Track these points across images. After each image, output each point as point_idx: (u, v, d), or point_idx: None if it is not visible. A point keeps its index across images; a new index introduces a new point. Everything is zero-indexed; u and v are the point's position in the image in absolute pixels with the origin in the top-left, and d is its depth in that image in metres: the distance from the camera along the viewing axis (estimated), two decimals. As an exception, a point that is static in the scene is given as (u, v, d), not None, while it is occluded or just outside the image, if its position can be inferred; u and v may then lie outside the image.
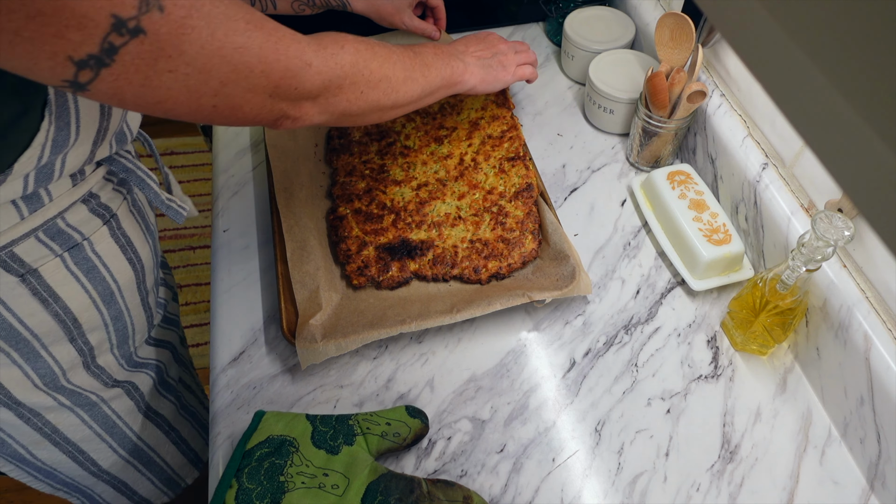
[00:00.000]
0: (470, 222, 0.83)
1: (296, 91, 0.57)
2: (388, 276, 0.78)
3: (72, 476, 0.84)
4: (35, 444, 0.76)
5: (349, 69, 0.61)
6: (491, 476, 0.68)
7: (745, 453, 0.70)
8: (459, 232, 0.82)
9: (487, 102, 0.95)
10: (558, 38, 1.11)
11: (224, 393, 0.73)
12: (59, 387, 0.73)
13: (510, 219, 0.83)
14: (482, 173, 0.88)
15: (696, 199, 0.83)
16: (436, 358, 0.76)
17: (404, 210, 0.84)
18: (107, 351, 0.76)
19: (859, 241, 0.68)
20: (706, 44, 0.88)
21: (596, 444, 0.70)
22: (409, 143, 0.91)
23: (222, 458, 0.69)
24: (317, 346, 0.71)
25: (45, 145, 0.54)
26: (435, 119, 0.94)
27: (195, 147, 2.20)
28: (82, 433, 0.79)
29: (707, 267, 0.79)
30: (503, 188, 0.86)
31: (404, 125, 0.93)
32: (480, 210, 0.84)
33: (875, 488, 0.67)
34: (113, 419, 0.82)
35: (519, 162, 0.88)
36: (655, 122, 0.88)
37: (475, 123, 0.93)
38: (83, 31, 0.41)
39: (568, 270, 0.77)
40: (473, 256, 0.80)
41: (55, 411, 0.74)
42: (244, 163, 0.96)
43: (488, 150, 0.90)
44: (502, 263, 0.80)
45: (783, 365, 0.76)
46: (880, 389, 0.64)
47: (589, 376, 0.75)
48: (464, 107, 0.95)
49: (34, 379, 0.70)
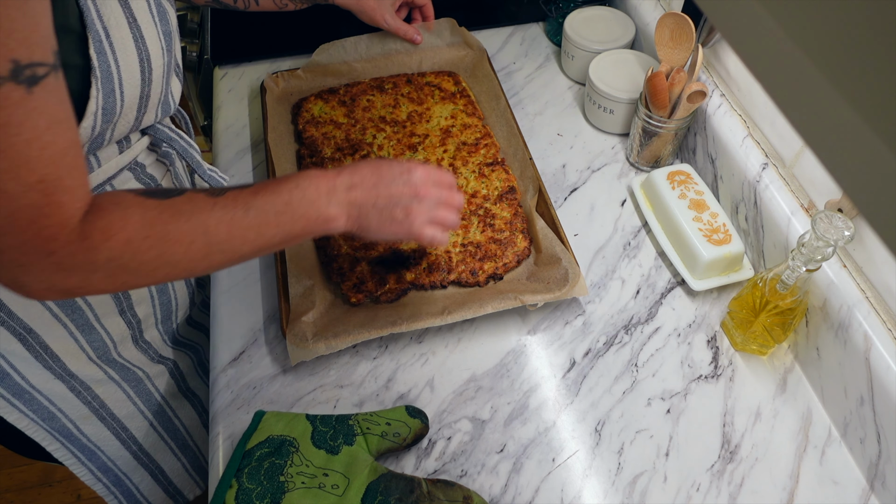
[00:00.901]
0: (458, 226, 0.83)
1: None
2: (385, 290, 0.78)
3: (114, 458, 0.87)
4: (83, 418, 0.80)
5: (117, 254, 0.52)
6: (491, 476, 0.68)
7: (745, 453, 0.70)
8: (449, 237, 0.82)
9: (456, 111, 0.95)
10: (558, 38, 1.11)
11: (224, 393, 0.73)
12: (110, 360, 0.77)
13: (498, 220, 0.83)
14: (462, 178, 0.88)
15: (696, 199, 0.83)
16: (436, 358, 0.76)
17: None
18: (152, 326, 0.81)
19: (859, 241, 0.68)
20: (706, 44, 0.88)
21: (596, 444, 0.70)
22: (382, 154, 0.91)
23: (222, 458, 0.69)
24: (307, 344, 0.71)
25: (97, 114, 0.56)
26: (405, 127, 0.94)
27: (195, 147, 2.20)
28: (127, 409, 0.84)
29: (707, 267, 0.79)
30: (486, 191, 0.86)
31: (375, 136, 0.93)
32: (467, 213, 0.84)
33: (875, 488, 0.67)
34: (156, 397, 0.87)
35: (498, 167, 0.89)
36: (655, 122, 0.88)
37: (447, 131, 0.93)
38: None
39: (560, 274, 0.77)
40: (468, 259, 0.80)
41: (104, 385, 0.79)
42: (244, 163, 0.96)
43: (465, 156, 0.90)
44: (498, 264, 0.80)
45: (783, 365, 0.76)
46: (880, 389, 0.64)
47: (589, 376, 0.75)
48: (432, 115, 0.95)
49: (88, 351, 0.75)
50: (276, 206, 0.57)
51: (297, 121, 0.95)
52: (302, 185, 0.59)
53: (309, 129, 0.93)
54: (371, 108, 0.96)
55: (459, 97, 0.97)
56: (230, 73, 1.08)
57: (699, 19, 0.86)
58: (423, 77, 1.00)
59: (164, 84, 0.64)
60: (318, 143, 0.91)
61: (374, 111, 0.96)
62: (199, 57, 1.18)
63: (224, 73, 1.08)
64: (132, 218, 0.51)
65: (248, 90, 1.05)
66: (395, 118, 0.95)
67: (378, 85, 0.99)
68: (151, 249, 0.52)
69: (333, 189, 0.60)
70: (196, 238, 0.53)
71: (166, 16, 0.64)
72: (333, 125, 0.94)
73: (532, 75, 1.09)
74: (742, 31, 0.19)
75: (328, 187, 0.60)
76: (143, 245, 0.51)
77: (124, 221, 0.51)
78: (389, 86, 0.99)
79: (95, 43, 0.54)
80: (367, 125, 0.94)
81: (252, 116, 1.01)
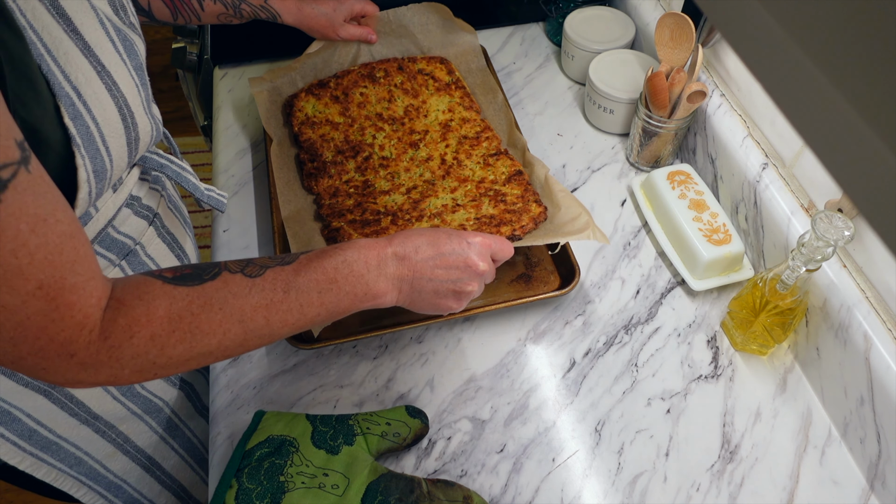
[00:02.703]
0: (470, 206, 0.82)
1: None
2: None
3: (139, 488, 0.86)
4: (109, 456, 0.78)
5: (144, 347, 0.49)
6: (491, 476, 0.68)
7: (745, 453, 0.70)
8: (462, 215, 0.81)
9: (453, 104, 0.94)
10: (558, 38, 1.11)
11: (224, 393, 0.73)
12: (134, 394, 0.76)
13: (509, 196, 0.82)
14: (468, 169, 0.87)
15: (696, 199, 0.83)
16: (436, 358, 0.76)
17: (400, 210, 0.83)
18: None
19: (859, 241, 0.68)
20: (706, 44, 0.88)
21: (596, 444, 0.70)
22: (385, 154, 0.90)
23: (222, 458, 0.69)
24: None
25: (90, 180, 0.54)
26: (404, 124, 0.93)
27: (195, 147, 2.21)
28: (149, 439, 0.82)
29: (707, 267, 0.79)
30: (493, 177, 0.85)
31: (374, 136, 0.92)
32: (477, 196, 0.83)
33: (875, 488, 0.67)
34: (175, 421, 0.85)
35: (502, 156, 0.88)
36: (655, 122, 0.88)
37: (446, 125, 0.92)
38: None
39: (582, 223, 0.74)
40: (483, 229, 0.78)
41: (127, 421, 0.77)
42: (244, 163, 0.96)
43: (468, 149, 0.89)
44: (515, 226, 0.77)
45: (783, 365, 0.76)
46: (880, 389, 0.64)
47: (589, 376, 0.75)
48: (429, 109, 0.94)
49: (111, 390, 0.73)
50: (319, 285, 0.54)
51: (291, 122, 0.93)
52: (349, 260, 0.56)
53: (305, 131, 0.91)
54: (366, 104, 0.94)
55: (455, 88, 0.96)
56: (230, 73, 1.08)
57: (699, 19, 0.86)
58: (414, 63, 0.98)
59: (147, 118, 0.61)
60: (316, 146, 0.90)
61: (369, 107, 0.94)
62: (199, 57, 1.18)
63: (224, 73, 1.08)
64: (157, 312, 0.48)
65: (247, 90, 1.05)
66: (393, 114, 0.94)
67: (369, 73, 0.97)
68: (180, 344, 0.48)
69: (384, 261, 0.57)
70: (231, 327, 0.50)
71: (134, 48, 0.60)
72: (330, 126, 0.92)
73: (532, 75, 1.09)
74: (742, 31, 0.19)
75: (378, 260, 0.57)
76: (171, 339, 0.48)
77: (149, 317, 0.47)
78: (381, 73, 0.97)
79: (69, 109, 0.51)
80: (364, 124, 0.92)
81: (252, 116, 1.01)
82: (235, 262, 0.54)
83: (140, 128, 0.59)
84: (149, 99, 0.62)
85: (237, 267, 0.53)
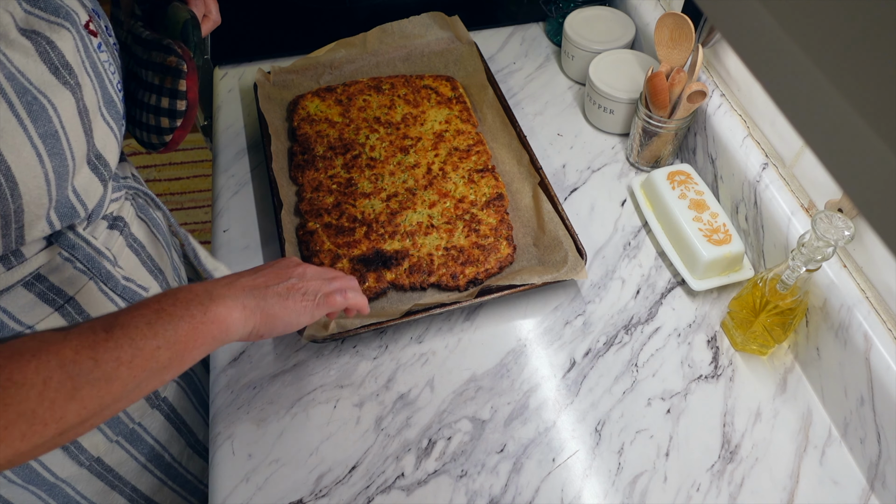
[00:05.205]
0: (443, 230, 0.83)
1: None
2: (364, 288, 0.78)
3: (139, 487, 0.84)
4: (98, 493, 0.77)
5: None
6: (491, 476, 0.68)
7: (745, 453, 0.70)
8: (433, 240, 0.82)
9: (451, 116, 0.96)
10: (558, 38, 1.11)
11: (224, 393, 0.73)
12: (126, 432, 0.75)
13: (483, 226, 0.84)
14: (451, 182, 0.88)
15: (696, 199, 0.83)
16: (436, 358, 0.76)
17: (375, 222, 0.84)
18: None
19: (859, 241, 0.68)
20: (706, 44, 0.88)
21: (596, 444, 0.70)
22: (374, 155, 0.91)
23: (222, 458, 0.69)
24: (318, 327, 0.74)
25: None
26: (399, 129, 0.94)
27: (194, 144, 2.21)
28: (130, 466, 0.79)
29: (707, 267, 0.79)
30: (474, 197, 0.87)
31: (368, 136, 0.93)
32: (452, 218, 0.85)
33: (875, 488, 0.67)
34: (150, 443, 0.81)
35: (488, 174, 0.89)
36: (655, 122, 0.88)
37: (440, 135, 0.93)
38: None
39: (560, 257, 0.78)
40: (450, 263, 0.80)
41: (112, 453, 0.76)
42: (244, 163, 0.96)
43: (456, 162, 0.90)
44: (479, 269, 0.80)
45: (783, 365, 0.76)
46: (880, 389, 0.64)
47: (589, 376, 0.75)
48: (426, 118, 0.96)
49: (105, 430, 0.73)
50: (146, 317, 0.49)
51: (292, 118, 0.96)
52: (172, 293, 0.52)
53: (303, 126, 0.94)
54: (367, 108, 0.97)
55: (455, 102, 0.98)
56: (230, 73, 1.08)
57: (699, 19, 0.86)
58: (420, 80, 1.01)
59: (49, 194, 0.54)
60: (310, 140, 0.92)
61: (369, 111, 0.96)
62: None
63: (224, 73, 1.08)
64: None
65: (248, 90, 1.05)
66: (390, 119, 0.95)
67: (376, 85, 1.00)
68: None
69: (210, 287, 0.54)
70: (52, 374, 0.43)
71: (45, 113, 0.52)
72: (328, 123, 0.94)
73: (532, 75, 1.09)
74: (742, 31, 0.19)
75: (203, 287, 0.54)
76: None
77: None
78: (387, 86, 1.00)
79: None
80: (361, 125, 0.94)
81: (252, 117, 1.01)
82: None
83: (28, 200, 0.52)
84: (65, 169, 0.55)
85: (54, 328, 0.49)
